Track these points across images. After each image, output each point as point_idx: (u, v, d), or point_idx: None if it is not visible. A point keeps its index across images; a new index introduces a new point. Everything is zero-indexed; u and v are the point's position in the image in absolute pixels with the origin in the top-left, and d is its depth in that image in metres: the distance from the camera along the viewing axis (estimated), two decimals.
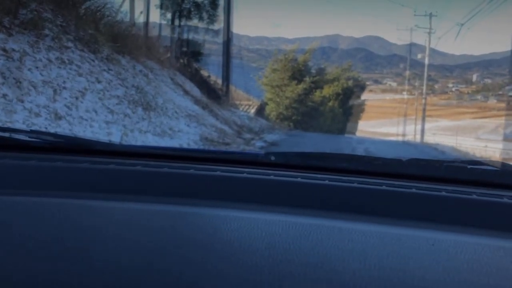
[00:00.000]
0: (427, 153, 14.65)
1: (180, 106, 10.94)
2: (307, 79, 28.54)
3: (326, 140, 14.55)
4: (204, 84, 18.18)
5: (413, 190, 1.26)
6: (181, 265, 0.80)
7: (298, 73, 28.66)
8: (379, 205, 1.19)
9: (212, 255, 0.83)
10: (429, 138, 41.31)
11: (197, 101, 13.08)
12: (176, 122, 9.46)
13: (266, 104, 28.27)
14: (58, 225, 0.97)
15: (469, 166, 1.42)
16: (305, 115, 28.50)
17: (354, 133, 39.32)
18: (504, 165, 1.48)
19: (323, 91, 30.41)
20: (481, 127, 69.06)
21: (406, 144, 18.81)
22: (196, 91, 15.46)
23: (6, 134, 1.59)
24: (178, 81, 14.00)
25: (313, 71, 30.78)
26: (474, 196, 1.24)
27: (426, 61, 41.14)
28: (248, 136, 12.35)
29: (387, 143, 16.43)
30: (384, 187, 1.27)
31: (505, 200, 1.23)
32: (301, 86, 28.11)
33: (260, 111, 28.32)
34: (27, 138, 1.58)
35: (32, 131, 1.82)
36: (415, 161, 1.45)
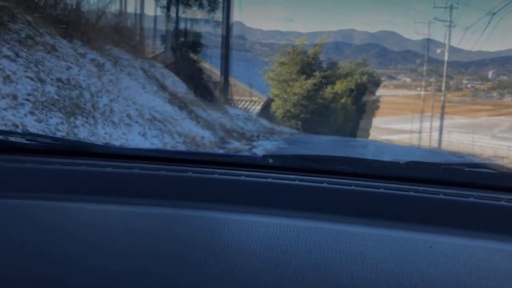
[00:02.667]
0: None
1: (142, 107, 8.15)
2: (317, 73, 25.36)
3: (337, 148, 11.60)
4: (195, 79, 15.41)
5: (411, 193, 1.24)
6: (179, 268, 0.79)
7: (307, 67, 25.58)
8: (377, 207, 1.17)
9: (210, 258, 0.82)
10: (445, 136, 38.87)
11: (173, 99, 10.27)
12: (124, 131, 6.67)
13: (272, 100, 25.40)
14: (55, 228, 0.95)
15: (466, 169, 1.40)
16: (314, 113, 25.50)
17: (368, 131, 36.85)
18: (501, 167, 1.44)
19: (334, 86, 27.31)
20: (497, 125, 66.33)
21: (435, 153, 15.85)
22: (180, 87, 12.67)
23: (3, 137, 1.54)
24: (154, 75, 11.20)
25: (324, 65, 27.62)
26: (472, 199, 1.22)
27: (446, 57, 38.06)
28: (235, 145, 9.54)
29: (413, 153, 13.47)
30: (382, 190, 1.25)
31: (503, 203, 1.21)
32: (311, 81, 24.99)
33: (266, 108, 25.54)
34: (24, 141, 1.54)
35: (29, 134, 1.77)
36: (413, 164, 1.42)
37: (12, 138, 1.55)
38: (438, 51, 42.68)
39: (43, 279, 0.75)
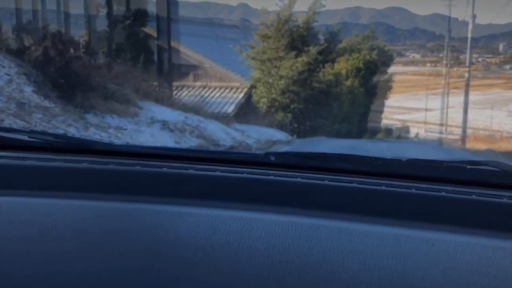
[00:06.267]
0: None
1: None
2: (311, 49, 17.80)
3: None
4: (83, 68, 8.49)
5: (413, 190, 1.19)
6: (180, 265, 0.77)
7: (298, 40, 17.94)
8: (378, 205, 1.13)
9: (211, 256, 0.80)
10: (459, 115, 33.30)
11: None
12: None
13: (254, 87, 18.22)
14: (57, 225, 0.92)
15: (468, 167, 1.33)
16: (309, 102, 18.10)
17: (380, 112, 30.65)
18: (503, 165, 1.36)
19: (336, 65, 19.87)
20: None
21: None
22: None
23: (5, 134, 1.47)
24: None
25: (320, 37, 20.02)
26: (474, 197, 1.17)
27: (470, 26, 30.81)
28: None
29: None
30: (383, 187, 1.20)
31: (505, 200, 1.16)
32: (303, 59, 17.36)
33: (248, 100, 18.44)
34: (25, 138, 1.46)
35: (31, 131, 1.70)
36: (414, 161, 1.36)
37: (13, 135, 1.47)
38: (460, 19, 35.26)
39: (46, 276, 0.73)
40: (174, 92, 13.15)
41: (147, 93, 9.86)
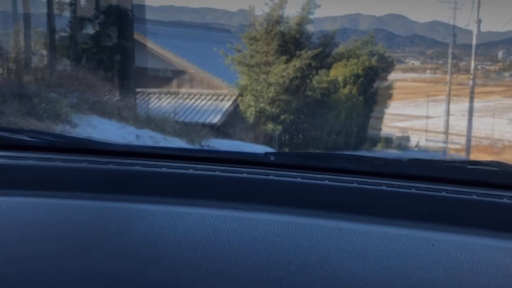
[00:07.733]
0: None
1: None
2: (303, 52, 15.75)
3: None
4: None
5: (413, 190, 1.19)
6: (180, 265, 0.77)
7: (291, 43, 15.99)
8: (378, 205, 1.13)
9: (211, 256, 0.80)
10: (459, 122, 31.85)
11: None
12: None
13: (241, 95, 16.22)
14: (56, 225, 0.92)
15: (469, 167, 1.33)
16: (302, 112, 16.05)
17: (379, 120, 29.05)
18: (504, 165, 1.35)
19: (332, 72, 17.83)
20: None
21: None
22: None
23: (4, 133, 1.44)
24: None
25: (315, 40, 17.88)
26: (474, 197, 1.17)
27: (475, 32, 29.21)
28: None
29: None
30: (384, 187, 1.20)
31: (505, 200, 1.16)
32: (294, 64, 15.35)
33: (235, 109, 16.49)
34: (25, 138, 1.44)
35: (31, 131, 1.65)
36: (415, 161, 1.35)
37: (13, 135, 1.45)
38: (461, 26, 33.66)
39: (44, 276, 0.73)
40: (138, 102, 11.16)
41: (94, 104, 7.87)
